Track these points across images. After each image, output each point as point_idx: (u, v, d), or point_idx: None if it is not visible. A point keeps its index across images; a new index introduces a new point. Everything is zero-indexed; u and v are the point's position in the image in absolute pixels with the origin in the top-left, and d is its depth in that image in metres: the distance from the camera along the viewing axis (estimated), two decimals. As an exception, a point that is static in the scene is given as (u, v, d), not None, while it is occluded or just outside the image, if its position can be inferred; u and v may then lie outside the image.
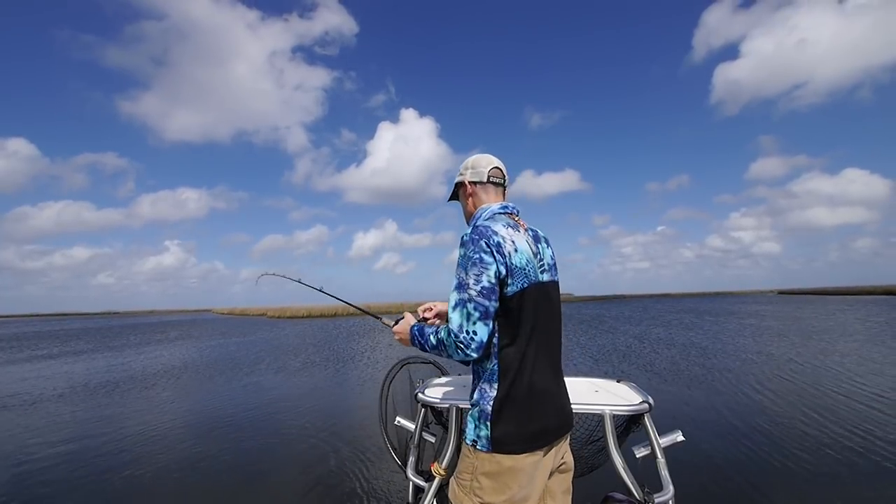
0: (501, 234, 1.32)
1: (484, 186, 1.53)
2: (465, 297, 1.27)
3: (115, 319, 65.32)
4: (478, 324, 1.26)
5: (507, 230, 1.35)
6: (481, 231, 1.32)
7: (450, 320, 1.31)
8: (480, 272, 1.27)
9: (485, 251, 1.28)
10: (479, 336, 1.26)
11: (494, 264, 1.28)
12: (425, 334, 1.40)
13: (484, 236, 1.30)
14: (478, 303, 1.26)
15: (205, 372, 9.97)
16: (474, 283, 1.27)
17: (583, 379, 2.21)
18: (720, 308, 35.12)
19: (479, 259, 1.28)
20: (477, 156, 1.59)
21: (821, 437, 4.32)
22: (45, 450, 4.71)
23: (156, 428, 5.45)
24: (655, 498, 1.60)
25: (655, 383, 7.06)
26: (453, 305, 1.30)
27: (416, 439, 1.97)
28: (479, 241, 1.30)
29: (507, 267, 1.29)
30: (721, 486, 3.37)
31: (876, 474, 3.45)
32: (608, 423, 1.69)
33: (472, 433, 1.33)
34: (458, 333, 1.27)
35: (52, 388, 8.55)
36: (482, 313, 1.26)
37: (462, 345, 1.27)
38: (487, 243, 1.29)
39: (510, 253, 1.30)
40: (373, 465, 3.98)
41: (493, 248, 1.28)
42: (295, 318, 43.11)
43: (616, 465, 1.65)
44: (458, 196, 1.62)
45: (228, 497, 3.46)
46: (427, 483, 1.73)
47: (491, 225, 1.35)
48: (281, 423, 5.49)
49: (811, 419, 4.92)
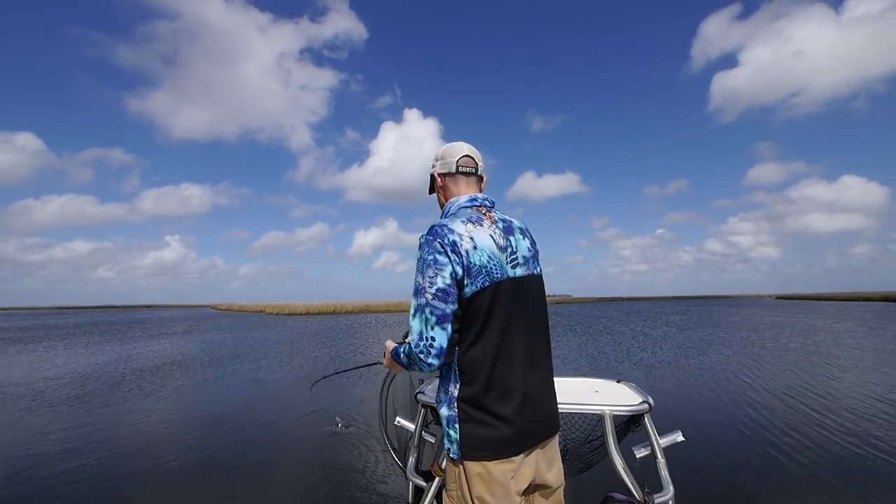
0: (458, 232, 1.23)
1: (454, 178, 1.43)
2: (422, 302, 1.20)
3: (109, 314, 65.30)
4: (435, 328, 1.19)
5: (466, 226, 1.26)
6: (436, 231, 1.24)
7: (410, 329, 1.25)
8: (435, 274, 1.20)
9: (439, 252, 1.21)
10: (439, 342, 1.19)
11: (450, 265, 1.20)
12: (399, 353, 1.33)
13: (438, 236, 1.23)
14: (434, 307, 1.19)
15: (205, 369, 9.95)
16: (429, 286, 1.20)
17: (582, 379, 2.22)
18: (718, 311, 35.21)
19: (434, 261, 1.21)
20: (448, 145, 1.48)
21: (821, 438, 4.33)
22: (48, 444, 4.71)
23: (157, 427, 5.45)
24: (655, 498, 1.60)
25: (655, 384, 7.08)
26: (412, 312, 1.23)
27: (416, 439, 1.97)
28: (434, 241, 1.22)
29: (463, 266, 1.20)
30: (721, 486, 3.38)
31: (876, 474, 3.47)
32: (608, 424, 1.69)
33: (447, 443, 1.26)
34: (419, 342, 1.21)
35: (36, 388, 8.53)
36: (439, 317, 1.19)
37: (423, 354, 1.20)
38: (441, 243, 1.21)
39: (468, 251, 1.22)
40: (373, 465, 3.98)
41: (447, 248, 1.21)
42: (294, 315, 43.11)
43: (616, 465, 1.66)
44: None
45: (229, 497, 3.45)
46: (427, 483, 1.73)
47: (448, 223, 1.26)
48: (281, 423, 5.49)
49: (811, 419, 4.94)
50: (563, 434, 1.87)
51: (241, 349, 13.79)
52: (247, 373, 9.21)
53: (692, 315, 29.44)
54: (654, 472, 1.70)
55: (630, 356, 10.44)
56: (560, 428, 1.41)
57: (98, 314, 70.55)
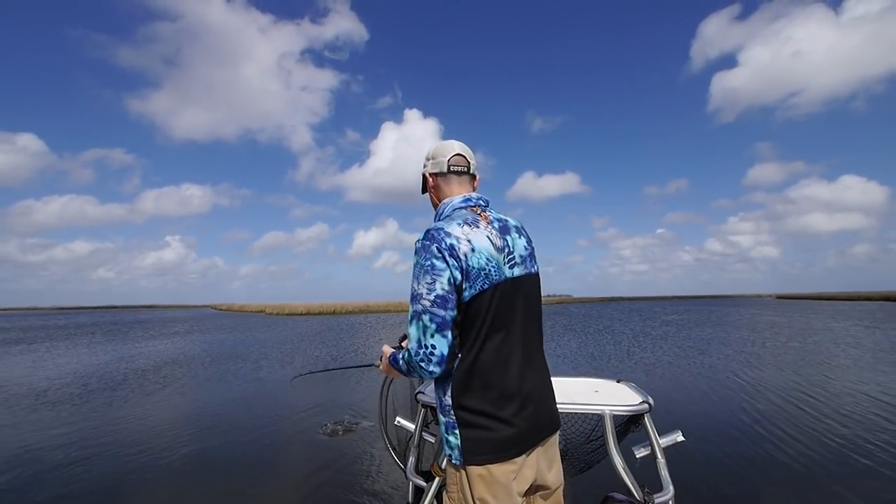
0: (455, 235, 1.20)
1: (446, 178, 1.38)
2: (420, 309, 1.17)
3: (110, 315, 65.35)
4: (435, 336, 1.16)
5: (462, 228, 1.23)
6: (432, 235, 1.21)
7: (408, 336, 1.22)
8: (433, 280, 1.16)
9: (436, 257, 1.17)
10: (439, 349, 1.16)
11: (448, 270, 1.17)
12: (397, 359, 1.31)
13: (435, 240, 1.19)
14: (433, 314, 1.16)
15: (206, 368, 9.95)
16: (427, 293, 1.16)
17: (582, 379, 2.22)
18: (719, 311, 35.18)
19: (431, 266, 1.17)
20: (439, 144, 1.43)
21: (821, 437, 4.33)
22: (52, 440, 4.72)
23: (160, 426, 5.46)
24: (655, 498, 1.60)
25: (655, 383, 7.07)
26: (409, 318, 1.20)
27: (416, 439, 1.97)
28: (431, 246, 1.19)
29: (462, 270, 1.18)
30: (721, 486, 3.38)
31: (875, 474, 3.46)
32: (608, 424, 1.69)
33: (447, 448, 1.24)
34: (418, 350, 1.18)
35: (37, 387, 8.53)
36: (438, 324, 1.16)
37: (423, 362, 1.17)
38: (439, 248, 1.18)
39: (466, 255, 1.19)
40: (373, 465, 3.98)
41: (444, 253, 1.17)
42: (294, 315, 43.12)
43: (616, 465, 1.66)
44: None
45: (230, 496, 3.46)
46: (427, 483, 1.73)
47: (444, 226, 1.23)
48: (282, 423, 5.49)
49: (812, 419, 4.93)
50: (563, 434, 1.87)
51: (241, 349, 13.78)
52: (248, 372, 9.21)
53: (692, 315, 29.42)
54: (654, 472, 1.70)
55: (630, 356, 10.43)
56: (560, 428, 1.40)
57: (99, 314, 70.60)
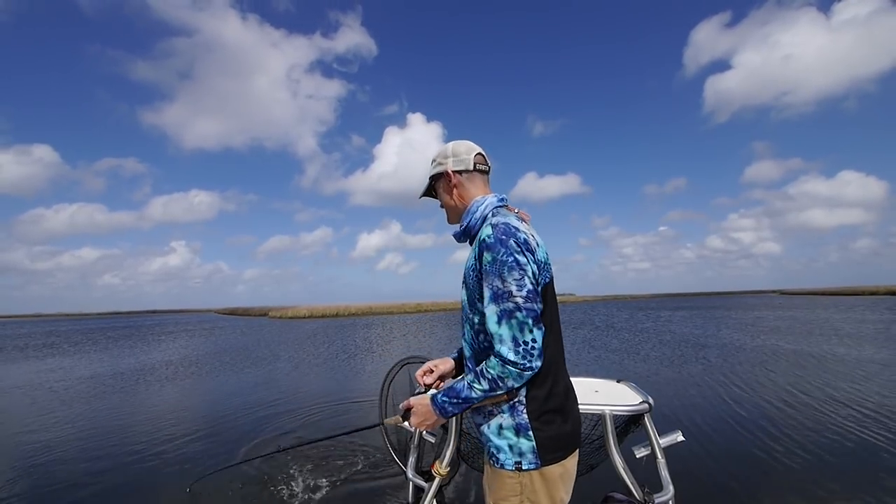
0: (522, 229, 1.17)
1: (470, 175, 1.33)
2: (511, 307, 1.09)
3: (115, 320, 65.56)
4: (534, 330, 1.09)
5: (521, 223, 1.20)
6: (504, 229, 1.14)
7: (497, 339, 1.10)
8: (521, 275, 1.10)
9: (516, 251, 1.12)
10: (539, 343, 1.10)
11: (529, 264, 1.13)
12: (458, 391, 1.16)
13: (511, 234, 1.13)
14: (528, 309, 1.09)
15: (214, 371, 9.98)
16: (517, 289, 1.09)
17: (582, 379, 2.22)
18: (721, 308, 35.04)
19: (515, 262, 1.11)
20: (455, 142, 1.37)
21: (822, 437, 4.30)
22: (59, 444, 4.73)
23: (163, 426, 5.48)
24: (655, 498, 1.60)
25: (655, 383, 7.04)
26: (497, 319, 1.10)
27: (416, 439, 1.98)
28: (508, 240, 1.12)
29: (537, 263, 1.16)
30: (721, 486, 3.36)
31: (876, 474, 3.44)
32: (608, 424, 1.69)
33: (508, 454, 1.15)
34: (517, 349, 1.07)
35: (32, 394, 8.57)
36: (535, 318, 1.10)
37: (526, 360, 1.07)
38: (517, 242, 1.13)
39: (535, 248, 1.17)
40: (373, 465, 3.98)
41: (522, 247, 1.13)
42: (297, 319, 43.16)
43: (616, 465, 1.66)
44: (436, 190, 1.41)
45: (229, 493, 3.46)
46: (427, 483, 1.73)
47: (510, 220, 1.18)
48: (282, 423, 5.50)
49: (812, 419, 4.90)
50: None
51: (248, 351, 13.82)
52: (253, 374, 9.23)
53: (694, 312, 29.31)
54: (654, 472, 1.70)
55: (630, 355, 10.40)
56: None
57: (104, 321, 70.81)
